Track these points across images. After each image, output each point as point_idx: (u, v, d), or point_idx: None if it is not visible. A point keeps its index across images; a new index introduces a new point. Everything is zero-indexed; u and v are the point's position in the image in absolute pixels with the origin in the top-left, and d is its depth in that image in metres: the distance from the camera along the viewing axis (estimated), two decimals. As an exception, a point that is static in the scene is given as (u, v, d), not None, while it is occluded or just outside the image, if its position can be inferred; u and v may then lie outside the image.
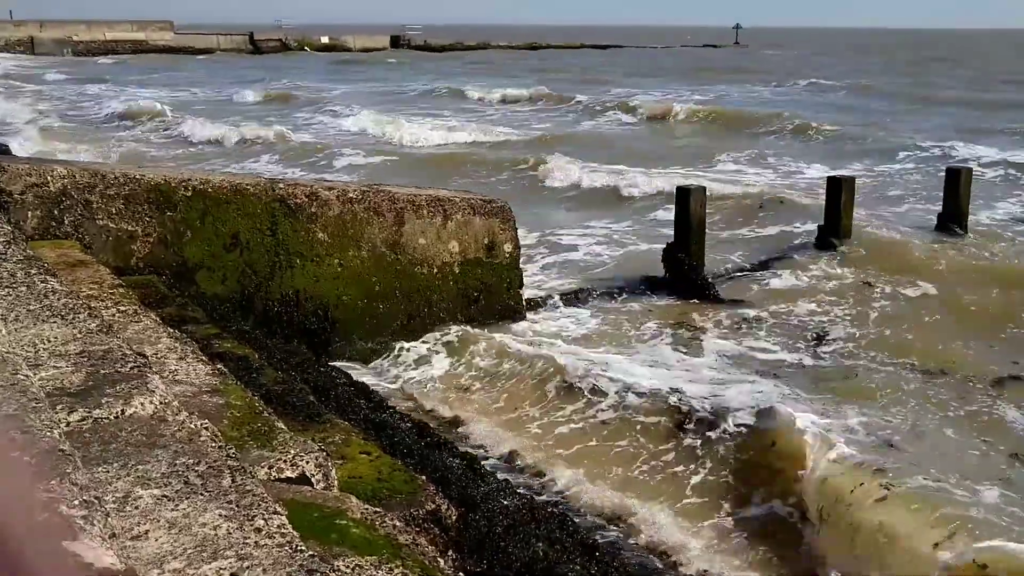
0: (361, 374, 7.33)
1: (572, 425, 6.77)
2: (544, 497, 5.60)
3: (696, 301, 9.59)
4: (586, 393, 7.06)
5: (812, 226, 11.76)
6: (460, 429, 6.74)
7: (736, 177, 17.21)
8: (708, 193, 10.46)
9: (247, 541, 2.08)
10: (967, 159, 18.47)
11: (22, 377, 2.41)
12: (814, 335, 8.71)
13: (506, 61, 67.42)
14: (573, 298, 9.64)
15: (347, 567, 2.61)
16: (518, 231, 8.63)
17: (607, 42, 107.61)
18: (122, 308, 4.68)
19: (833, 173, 13.67)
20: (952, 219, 12.05)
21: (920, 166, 18.76)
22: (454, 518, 3.82)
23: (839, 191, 11.16)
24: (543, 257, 11.50)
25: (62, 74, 48.74)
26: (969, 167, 12.87)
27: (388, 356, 7.85)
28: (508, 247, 8.38)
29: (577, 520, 5.01)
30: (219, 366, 4.18)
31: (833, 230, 11.24)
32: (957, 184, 11.96)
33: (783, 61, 71.20)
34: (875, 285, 9.99)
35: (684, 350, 8.27)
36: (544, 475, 6.08)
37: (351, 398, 5.67)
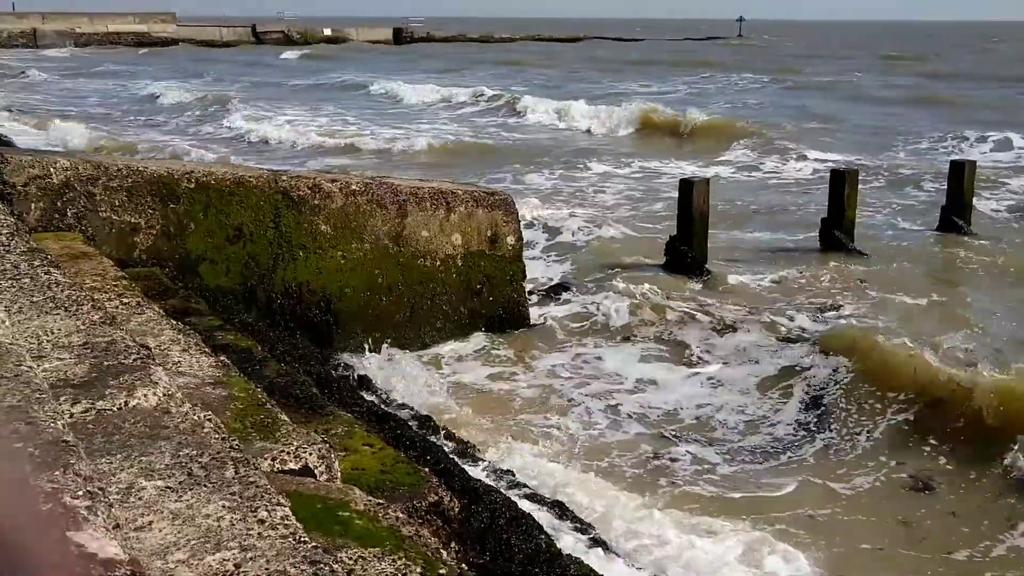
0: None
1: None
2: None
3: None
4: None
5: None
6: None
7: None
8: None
9: (250, 532, 2.08)
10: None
11: (26, 368, 2.41)
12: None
13: (490, 55, 65.92)
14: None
15: (350, 558, 2.61)
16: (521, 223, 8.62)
17: (614, 35, 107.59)
18: (125, 300, 4.68)
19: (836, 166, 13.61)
20: (956, 212, 12.01)
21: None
22: (457, 510, 3.82)
23: (842, 184, 11.12)
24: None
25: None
26: (973, 160, 12.81)
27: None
28: (511, 239, 8.37)
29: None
30: (222, 358, 4.18)
31: (837, 223, 11.21)
32: (961, 177, 11.91)
33: (763, 53, 70.86)
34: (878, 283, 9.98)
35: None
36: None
37: (354, 390, 5.67)
